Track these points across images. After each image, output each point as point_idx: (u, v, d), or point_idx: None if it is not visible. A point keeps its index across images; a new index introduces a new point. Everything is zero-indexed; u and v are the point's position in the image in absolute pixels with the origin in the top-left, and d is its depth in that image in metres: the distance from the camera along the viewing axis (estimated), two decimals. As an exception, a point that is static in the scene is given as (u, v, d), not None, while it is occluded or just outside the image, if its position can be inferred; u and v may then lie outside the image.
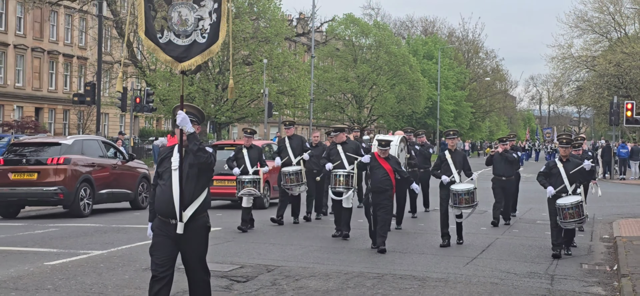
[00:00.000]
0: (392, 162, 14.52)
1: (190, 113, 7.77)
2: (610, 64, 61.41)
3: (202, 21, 7.77)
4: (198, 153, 7.51)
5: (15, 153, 21.61)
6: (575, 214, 13.46)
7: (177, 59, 7.86)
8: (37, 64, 60.66)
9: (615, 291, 11.46)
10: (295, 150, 18.36)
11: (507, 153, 18.80)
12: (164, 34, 7.82)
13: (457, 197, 14.90)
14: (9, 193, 20.61)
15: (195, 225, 7.69)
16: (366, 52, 74.44)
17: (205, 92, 50.04)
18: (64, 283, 11.16)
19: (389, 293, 10.90)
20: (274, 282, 11.45)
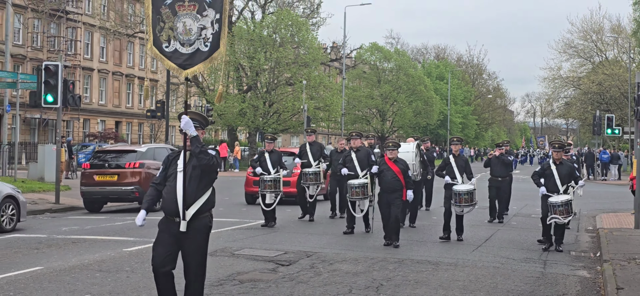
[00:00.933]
0: (400, 164, 13.74)
1: (194, 119, 7.31)
2: (593, 83, 61.63)
3: (205, 30, 7.28)
4: (200, 156, 7.06)
5: (99, 159, 21.84)
6: (564, 211, 12.96)
7: (181, 66, 7.39)
8: (116, 85, 61.20)
9: (598, 274, 11.40)
10: (314, 154, 17.79)
11: (502, 157, 18.28)
12: (171, 43, 7.37)
13: (458, 197, 14.32)
14: (94, 192, 20.83)
15: (197, 224, 7.21)
16: (388, 74, 74.53)
17: (255, 108, 50.27)
18: (139, 266, 11.25)
19: (408, 274, 10.91)
20: (312, 266, 11.47)
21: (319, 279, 10.44)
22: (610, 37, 67.23)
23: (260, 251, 12.87)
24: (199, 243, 7.26)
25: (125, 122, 62.15)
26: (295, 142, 74.31)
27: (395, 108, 73.59)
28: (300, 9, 56.95)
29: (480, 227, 16.95)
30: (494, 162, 18.41)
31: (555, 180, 13.25)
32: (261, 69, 51.19)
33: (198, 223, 7.19)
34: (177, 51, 7.33)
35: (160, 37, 7.37)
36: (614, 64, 64.82)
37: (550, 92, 73.95)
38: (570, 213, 13.17)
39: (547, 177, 13.38)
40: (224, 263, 11.56)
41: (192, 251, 7.23)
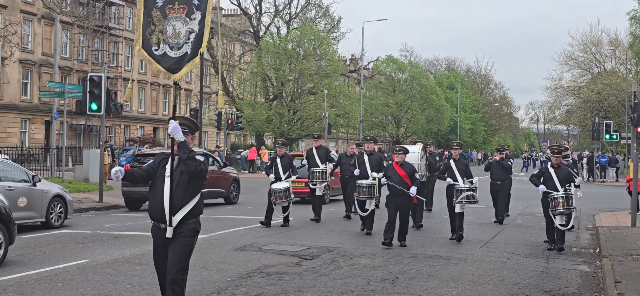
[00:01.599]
0: (407, 168, 13.18)
1: (183, 124, 6.70)
2: (592, 92, 61.38)
3: (193, 34, 6.73)
4: (187, 162, 6.42)
5: (138, 161, 21.92)
6: (564, 203, 12.45)
7: (170, 70, 6.82)
8: (154, 95, 61.56)
9: (598, 269, 11.32)
10: (321, 158, 17.44)
11: (502, 161, 17.80)
12: (160, 46, 6.80)
13: (459, 194, 13.85)
14: (134, 192, 20.90)
15: (184, 229, 6.56)
16: (402, 84, 74.40)
17: (280, 115, 50.44)
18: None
19: (421, 268, 10.89)
20: (333, 260, 11.48)
21: (339, 272, 10.45)
22: (609, 50, 66.92)
23: (286, 246, 12.89)
24: (183, 243, 6.58)
25: (162, 128, 62.46)
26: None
27: (409, 116, 73.53)
28: (321, 25, 57.05)
29: (488, 226, 16.85)
30: (494, 166, 17.91)
31: (554, 183, 12.77)
32: (286, 80, 51.35)
33: (184, 228, 6.57)
34: (166, 55, 6.81)
35: (150, 40, 6.84)
36: (611, 74, 64.60)
37: (552, 101, 73.85)
38: (570, 207, 12.59)
39: (547, 179, 12.92)
40: (252, 257, 11.60)
41: (175, 248, 6.55)
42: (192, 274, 10.04)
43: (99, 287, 9.15)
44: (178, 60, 6.78)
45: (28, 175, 15.90)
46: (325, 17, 57.39)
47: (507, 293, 9.30)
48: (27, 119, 48.41)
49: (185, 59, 6.77)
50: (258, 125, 50.57)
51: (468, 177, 14.21)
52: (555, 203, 12.56)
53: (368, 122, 68.43)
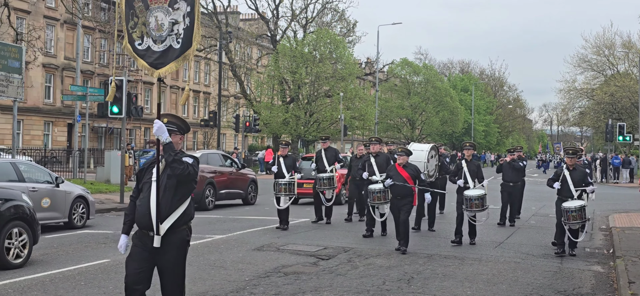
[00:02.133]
0: (410, 169, 12.70)
1: (171, 123, 6.05)
2: (605, 94, 61.00)
3: (177, 25, 5.99)
4: (173, 165, 5.76)
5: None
6: (577, 217, 11.86)
7: (153, 65, 6.09)
8: (174, 97, 61.81)
9: (611, 269, 11.23)
10: (329, 159, 16.79)
11: (514, 162, 17.07)
12: (144, 40, 6.12)
13: (469, 202, 13.21)
14: (154, 193, 21.03)
15: (173, 238, 5.91)
16: (417, 86, 74.28)
17: (297, 117, 50.48)
18: (195, 259, 11.33)
19: (436, 268, 10.86)
20: (349, 260, 11.47)
21: (355, 272, 10.45)
22: (621, 52, 66.47)
23: (303, 246, 12.91)
24: (175, 260, 5.97)
25: (181, 130, 62.75)
26: (333, 148, 74.27)
27: (423, 118, 73.44)
28: (337, 28, 57.01)
29: (501, 226, 16.74)
30: (505, 167, 17.16)
31: (569, 185, 12.20)
32: (303, 83, 51.39)
33: (174, 237, 5.92)
34: (150, 49, 6.10)
35: (133, 34, 6.18)
36: (624, 76, 64.12)
37: (565, 103, 73.49)
38: (584, 218, 12.04)
39: (562, 182, 12.32)
40: (270, 257, 11.62)
41: (168, 268, 5.96)
42: (211, 273, 10.12)
43: (121, 286, 9.15)
44: (162, 55, 6.07)
45: (51, 177, 16.00)
46: (341, 21, 57.36)
47: (521, 293, 9.25)
48: (50, 122, 48.77)
49: (170, 53, 6.06)
50: (275, 127, 50.66)
51: (479, 180, 13.69)
52: (568, 216, 11.97)
53: (383, 124, 68.39)
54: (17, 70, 21.30)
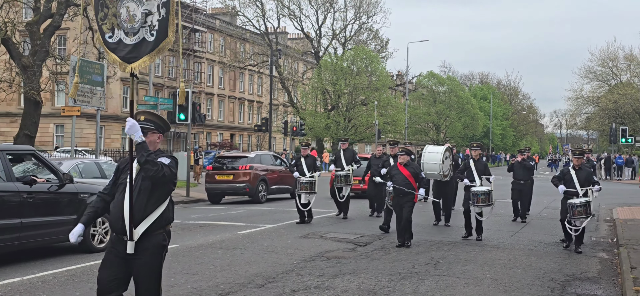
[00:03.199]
0: (411, 168, 11.77)
1: (148, 121, 5.02)
2: (609, 101, 60.33)
3: (150, 16, 4.92)
4: (145, 166, 4.70)
5: (219, 162, 22.28)
6: (583, 212, 10.99)
7: (125, 59, 4.98)
8: (231, 106, 62.41)
9: (615, 256, 10.99)
10: (347, 159, 16.00)
11: (524, 162, 16.14)
12: (115, 32, 5.01)
13: (476, 197, 12.32)
14: (215, 188, 21.27)
15: (147, 244, 4.87)
16: (442, 95, 73.60)
17: (337, 123, 50.52)
18: (249, 244, 11.45)
19: (459, 254, 10.77)
20: (383, 246, 11.45)
21: (388, 257, 10.43)
22: (624, 64, 65.43)
23: (343, 234, 12.92)
24: (150, 266, 4.93)
25: (237, 134, 63.32)
26: (368, 150, 74.06)
27: (447, 123, 72.81)
28: (372, 45, 56.93)
29: (536, 205, 16.47)
30: (516, 166, 16.19)
31: (575, 184, 11.26)
32: (342, 93, 51.42)
33: (148, 243, 4.88)
34: (122, 42, 5.01)
35: (103, 26, 5.05)
36: (627, 85, 63.21)
37: (574, 109, 72.66)
38: (589, 214, 11.16)
39: (567, 181, 11.41)
40: (314, 244, 11.66)
41: (143, 275, 4.91)
42: (264, 257, 10.19)
43: (188, 267, 9.34)
44: (134, 48, 4.98)
45: (129, 174, 16.26)
46: (375, 39, 57.30)
47: (535, 276, 9.13)
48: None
49: (144, 46, 4.97)
50: (318, 131, 50.81)
51: (487, 176, 12.77)
52: (573, 212, 11.08)
53: (412, 128, 67.98)
54: (99, 83, 21.76)
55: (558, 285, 8.58)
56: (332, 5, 54.32)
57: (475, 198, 12.37)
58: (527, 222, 15.67)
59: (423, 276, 8.93)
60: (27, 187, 9.44)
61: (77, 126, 42.37)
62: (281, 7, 53.05)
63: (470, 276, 8.97)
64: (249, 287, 8.08)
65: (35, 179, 9.78)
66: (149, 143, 4.90)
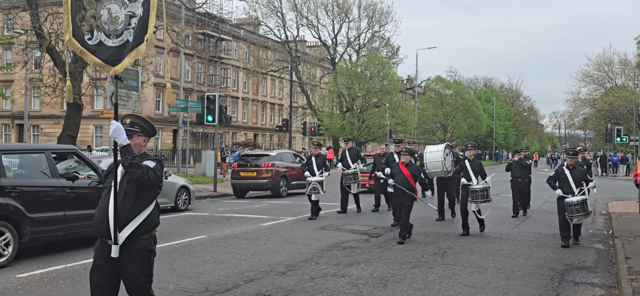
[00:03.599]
0: (412, 168, 11.30)
1: (134, 124, 4.61)
2: (605, 103, 59.89)
3: (135, 18, 4.47)
4: (130, 169, 4.29)
5: (243, 160, 22.33)
6: (580, 210, 10.46)
7: (108, 62, 4.48)
8: (254, 109, 62.58)
9: (610, 247, 10.88)
10: (352, 158, 15.48)
11: (522, 161, 15.63)
12: (94, 34, 4.50)
13: (474, 194, 11.75)
14: (240, 184, 21.32)
15: (133, 249, 4.45)
16: (449, 98, 73.22)
17: (352, 123, 50.46)
18: (271, 235, 11.47)
19: (465, 245, 10.70)
20: (394, 238, 11.39)
21: (399, 247, 10.40)
22: (619, 68, 64.82)
23: (357, 226, 12.90)
24: (139, 271, 4.49)
25: (260, 134, 63.46)
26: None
27: (454, 123, 72.40)
28: (384, 52, 56.71)
29: (536, 200, 16.19)
30: (514, 165, 15.67)
31: (569, 183, 10.69)
32: (356, 96, 51.33)
33: (134, 247, 4.46)
34: (103, 44, 4.50)
35: (82, 28, 4.52)
36: (621, 88, 62.63)
37: (572, 110, 72.02)
38: (587, 211, 10.59)
39: (562, 180, 10.82)
40: (331, 235, 11.65)
41: (131, 280, 4.49)
42: (285, 247, 10.21)
43: (215, 256, 9.39)
44: (118, 50, 4.50)
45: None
46: (386, 46, 57.09)
47: (535, 265, 9.05)
48: (159, 128, 50.02)
49: (127, 47, 4.51)
50: (334, 131, 50.75)
51: (482, 177, 11.99)
52: (571, 210, 10.54)
53: (421, 129, 67.70)
54: (135, 88, 21.91)
55: (557, 274, 8.51)
56: (347, 15, 54.27)
57: (474, 195, 11.79)
58: (528, 216, 15.52)
59: (431, 265, 8.90)
60: (70, 183, 9.54)
61: (114, 127, 42.57)
62: (300, 17, 53.12)
63: (475, 265, 8.92)
64: (271, 275, 8.10)
65: (77, 176, 9.87)
66: (134, 146, 4.54)
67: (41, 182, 9.22)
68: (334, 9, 53.71)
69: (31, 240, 8.97)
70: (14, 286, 7.38)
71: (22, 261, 8.79)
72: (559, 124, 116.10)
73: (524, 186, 15.66)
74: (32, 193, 9.01)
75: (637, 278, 7.73)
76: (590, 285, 7.93)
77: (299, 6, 52.75)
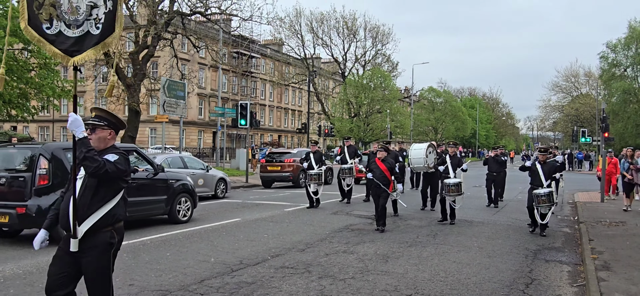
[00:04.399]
0: (387, 163, 10.32)
1: (99, 117, 3.79)
2: (572, 109, 59.28)
3: (96, 9, 3.67)
4: (84, 163, 3.50)
5: (270, 157, 22.34)
6: (546, 200, 9.79)
7: (67, 52, 3.65)
8: (279, 114, 62.62)
9: (576, 231, 10.75)
10: (350, 154, 14.80)
11: (497, 157, 15.07)
12: (53, 23, 3.65)
13: (448, 188, 11.01)
14: (267, 176, 21.29)
15: (93, 241, 3.64)
16: (439, 105, 72.69)
17: (358, 126, 50.30)
18: (293, 219, 11.49)
19: (453, 228, 10.62)
20: (394, 221, 11.34)
21: (398, 229, 10.36)
22: (584, 79, 64.27)
23: (363, 212, 12.88)
24: (97, 265, 3.65)
25: (283, 135, 63.51)
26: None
27: (443, 127, 71.93)
28: (385, 67, 56.46)
29: (511, 191, 15.85)
30: (490, 161, 15.01)
31: (540, 176, 9.98)
32: (362, 103, 51.20)
33: (94, 241, 3.65)
34: (62, 34, 3.66)
35: (39, 16, 3.66)
36: (586, 96, 62.06)
37: (543, 115, 71.86)
38: (552, 202, 9.89)
39: (534, 173, 10.11)
40: (342, 219, 11.65)
41: (91, 273, 3.66)
42: (304, 228, 10.23)
43: (247, 235, 9.46)
44: (77, 41, 3.68)
45: (203, 165, 16.41)
46: (387, 62, 56.86)
47: (512, 245, 9.00)
48: (201, 130, 50.32)
49: (88, 39, 3.68)
50: (344, 133, 50.48)
51: (460, 167, 11.33)
52: (538, 200, 9.83)
53: (416, 131, 67.33)
54: (182, 97, 22.09)
55: (531, 253, 8.45)
56: (355, 36, 54.19)
57: (448, 188, 11.00)
58: (506, 204, 15.26)
59: (425, 244, 8.89)
60: (131, 175, 9.68)
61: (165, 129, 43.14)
62: (316, 38, 53.17)
63: (462, 245, 8.89)
64: (293, 251, 8.15)
65: (137, 169, 10.02)
66: (98, 139, 3.77)
67: (107, 175, 9.30)
68: (344, 31, 53.71)
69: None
70: (86, 259, 7.49)
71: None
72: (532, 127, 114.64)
73: (498, 179, 14.96)
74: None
75: (598, 257, 7.67)
76: (559, 262, 7.87)
77: (315, 29, 52.80)
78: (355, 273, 6.77)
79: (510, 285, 6.39)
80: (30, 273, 6.54)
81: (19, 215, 8.12)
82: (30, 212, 8.12)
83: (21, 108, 20.33)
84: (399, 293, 5.90)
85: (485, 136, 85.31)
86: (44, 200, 8.20)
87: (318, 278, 6.52)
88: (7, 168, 8.57)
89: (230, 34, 44.03)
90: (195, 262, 7.25)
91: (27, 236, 9.11)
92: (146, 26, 23.43)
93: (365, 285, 6.20)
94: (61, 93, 21.18)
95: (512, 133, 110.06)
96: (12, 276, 6.40)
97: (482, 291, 6.07)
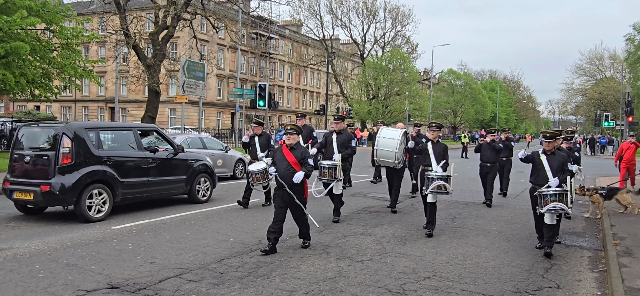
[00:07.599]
0: (297, 152, 7.28)
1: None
2: (595, 93, 57.84)
3: None
4: None
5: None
6: (557, 199, 6.86)
7: None
8: (297, 96, 62.61)
9: (597, 216, 10.57)
10: (340, 146, 10.57)
11: (494, 143, 11.70)
12: None
13: (430, 182, 7.92)
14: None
15: None
16: (459, 88, 71.98)
17: (377, 108, 50.11)
18: (311, 199, 11.41)
19: (471, 211, 10.55)
20: (412, 204, 11.30)
21: (416, 212, 10.33)
22: (608, 62, 62.71)
23: (381, 194, 12.85)
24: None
25: (301, 117, 63.50)
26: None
27: (463, 109, 71.25)
28: (405, 48, 55.99)
29: (517, 185, 15.49)
30: (484, 147, 11.79)
31: (545, 172, 7.15)
32: (381, 85, 50.93)
33: None
34: None
35: None
36: (610, 80, 60.62)
37: (565, 99, 70.35)
38: (564, 202, 6.87)
39: (537, 167, 7.28)
40: (359, 201, 11.65)
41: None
42: (322, 210, 10.25)
43: (266, 216, 9.52)
44: None
45: (222, 146, 16.43)
46: (407, 43, 56.33)
47: (532, 230, 8.84)
48: (220, 111, 50.64)
49: None
50: (362, 115, 50.61)
51: (445, 164, 8.11)
52: (544, 202, 6.93)
53: (435, 114, 66.83)
54: (201, 78, 22.18)
55: (550, 237, 8.32)
56: (375, 17, 53.66)
57: (430, 183, 7.94)
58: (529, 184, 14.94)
59: (443, 227, 8.85)
60: (152, 154, 9.79)
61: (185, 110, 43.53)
62: (335, 19, 52.81)
63: (480, 229, 8.83)
64: (312, 232, 8.17)
65: (157, 148, 10.13)
66: None
67: (129, 154, 9.45)
68: (364, 12, 53.20)
69: (122, 200, 9.25)
70: (109, 235, 7.66)
71: (116, 216, 9.10)
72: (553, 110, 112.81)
73: (493, 171, 11.81)
74: (123, 162, 9.25)
75: (620, 243, 7.55)
76: (579, 247, 7.77)
77: (334, 10, 52.40)
78: (373, 255, 6.77)
79: (529, 269, 6.33)
80: (55, 249, 6.67)
81: (43, 193, 8.31)
82: (54, 189, 8.29)
83: (44, 88, 20.65)
84: (417, 276, 5.90)
85: (505, 119, 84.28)
86: (67, 179, 8.38)
87: (336, 259, 6.54)
88: (32, 146, 8.75)
89: (249, 15, 43.94)
90: (215, 241, 7.33)
91: (52, 214, 9.32)
92: (166, 6, 23.49)
93: (382, 267, 6.21)
94: (83, 73, 21.43)
95: (532, 116, 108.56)
96: (38, 252, 6.52)
97: (501, 275, 6.03)
